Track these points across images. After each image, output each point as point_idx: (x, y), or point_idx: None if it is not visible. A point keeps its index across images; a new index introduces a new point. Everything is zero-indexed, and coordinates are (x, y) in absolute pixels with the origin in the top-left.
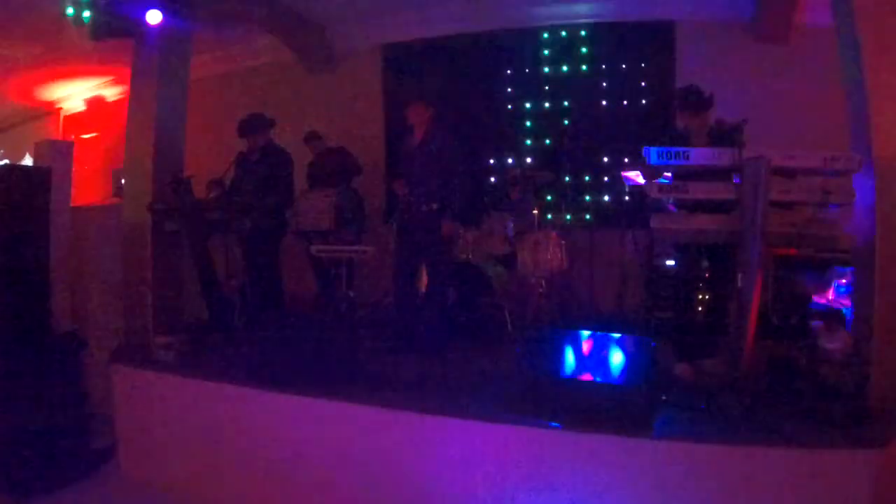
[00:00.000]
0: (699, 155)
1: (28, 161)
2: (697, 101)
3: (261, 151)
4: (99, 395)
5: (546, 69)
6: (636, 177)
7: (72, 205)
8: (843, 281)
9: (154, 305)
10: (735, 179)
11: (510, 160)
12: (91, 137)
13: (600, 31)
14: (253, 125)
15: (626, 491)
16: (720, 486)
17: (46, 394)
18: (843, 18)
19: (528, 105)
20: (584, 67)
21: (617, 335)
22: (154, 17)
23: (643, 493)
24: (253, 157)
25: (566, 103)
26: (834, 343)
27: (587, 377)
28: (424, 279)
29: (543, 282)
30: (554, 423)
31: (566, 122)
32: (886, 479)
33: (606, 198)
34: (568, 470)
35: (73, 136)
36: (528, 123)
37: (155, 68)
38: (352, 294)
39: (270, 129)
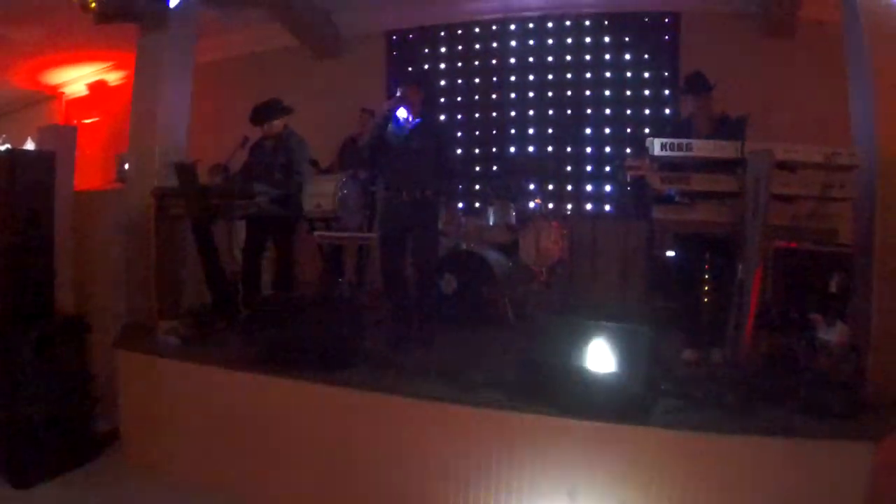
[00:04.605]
0: (702, 147)
1: (30, 145)
2: (698, 83)
3: (277, 138)
4: (103, 380)
5: (550, 58)
6: (639, 167)
7: (75, 189)
8: None
9: (157, 290)
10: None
11: (513, 149)
12: (93, 122)
13: (605, 21)
14: (270, 111)
15: (623, 479)
16: (716, 476)
17: (50, 378)
18: (849, 13)
19: (531, 94)
20: (587, 57)
21: (617, 324)
22: None
23: (639, 481)
24: (268, 143)
25: (569, 92)
26: (832, 335)
27: (586, 365)
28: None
29: (545, 270)
30: (552, 411)
31: (569, 111)
32: (882, 472)
33: (608, 188)
34: (565, 457)
35: (75, 121)
36: (531, 112)
37: (160, 53)
38: (352, 280)
39: (287, 116)
